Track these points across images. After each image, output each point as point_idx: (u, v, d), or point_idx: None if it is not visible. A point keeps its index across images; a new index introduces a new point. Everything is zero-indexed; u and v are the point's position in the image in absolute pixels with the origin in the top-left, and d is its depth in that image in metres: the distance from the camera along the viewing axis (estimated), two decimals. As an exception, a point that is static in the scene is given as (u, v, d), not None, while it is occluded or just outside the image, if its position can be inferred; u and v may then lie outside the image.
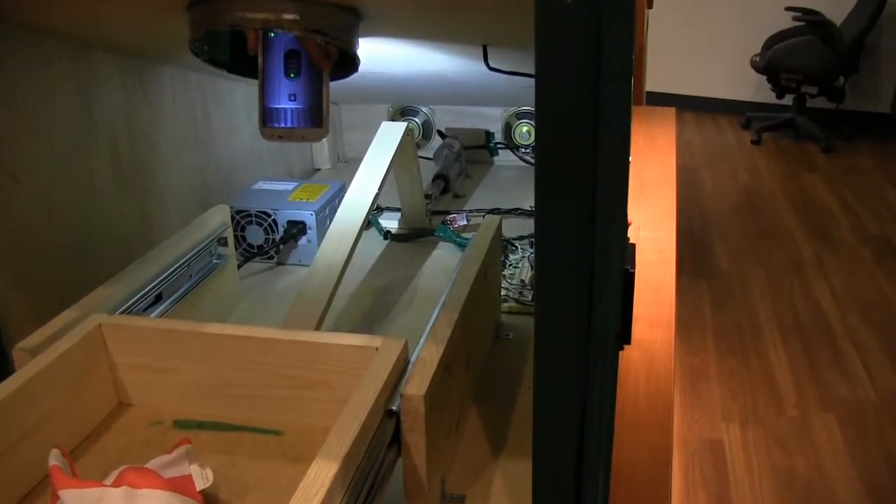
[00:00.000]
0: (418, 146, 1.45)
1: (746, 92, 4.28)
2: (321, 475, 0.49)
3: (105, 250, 0.95)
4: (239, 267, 1.01)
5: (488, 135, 1.47)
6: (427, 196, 1.21)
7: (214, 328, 0.68)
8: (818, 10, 3.73)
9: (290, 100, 0.65)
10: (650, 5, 2.23)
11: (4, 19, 0.77)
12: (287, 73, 0.65)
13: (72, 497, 0.54)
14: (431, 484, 0.60)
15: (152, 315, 0.78)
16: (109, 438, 0.67)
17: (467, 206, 1.29)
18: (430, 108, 1.48)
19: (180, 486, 0.56)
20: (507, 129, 1.46)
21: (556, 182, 0.41)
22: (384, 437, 0.57)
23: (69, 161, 0.89)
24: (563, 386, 0.45)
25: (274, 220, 1.07)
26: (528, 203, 1.26)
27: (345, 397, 0.58)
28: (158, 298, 0.80)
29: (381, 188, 0.97)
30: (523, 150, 1.46)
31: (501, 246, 1.01)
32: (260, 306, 0.98)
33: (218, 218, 0.92)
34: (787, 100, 3.98)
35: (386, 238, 1.16)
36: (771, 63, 3.76)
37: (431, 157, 1.41)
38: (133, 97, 1.00)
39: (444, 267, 1.07)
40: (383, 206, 1.24)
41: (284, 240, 1.07)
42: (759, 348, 2.24)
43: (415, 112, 1.49)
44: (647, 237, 1.14)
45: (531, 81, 0.40)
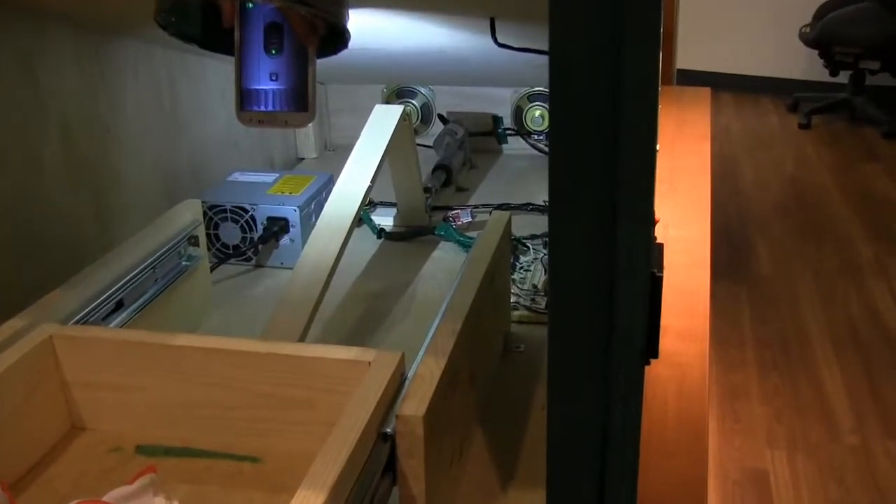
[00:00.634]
0: (416, 132, 1.46)
1: (794, 69, 4.28)
2: (305, 507, 0.50)
3: (57, 250, 0.95)
4: (212, 270, 1.02)
5: (496, 120, 1.47)
6: (426, 189, 1.22)
7: (183, 340, 0.68)
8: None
9: (271, 80, 0.66)
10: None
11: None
12: (267, 50, 0.66)
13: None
14: (431, 518, 0.60)
15: (111, 325, 0.79)
16: (61, 467, 0.67)
17: (472, 201, 1.29)
18: (429, 89, 1.49)
19: (144, 520, 0.57)
20: (518, 113, 1.46)
21: (572, 173, 0.41)
22: (377, 463, 0.58)
23: (12, 148, 0.89)
24: (581, 406, 0.46)
25: (252, 217, 1.08)
26: (541, 197, 1.26)
27: (332, 418, 0.58)
28: (119, 306, 0.80)
29: (374, 180, 0.97)
30: (536, 136, 1.46)
31: (511, 246, 1.01)
32: (236, 315, 0.98)
33: (188, 214, 0.92)
34: (843, 77, 3.97)
35: (380, 237, 1.17)
36: (823, 34, 3.75)
37: (431, 145, 1.41)
38: (89, 75, 1.00)
39: (445, 270, 1.07)
40: (377, 200, 1.25)
41: (264, 239, 1.07)
42: (808, 364, 2.24)
43: (412, 94, 1.50)
44: (677, 236, 1.14)
45: (544, 59, 0.40)
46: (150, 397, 0.69)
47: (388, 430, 0.58)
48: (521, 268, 1.05)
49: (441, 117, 1.48)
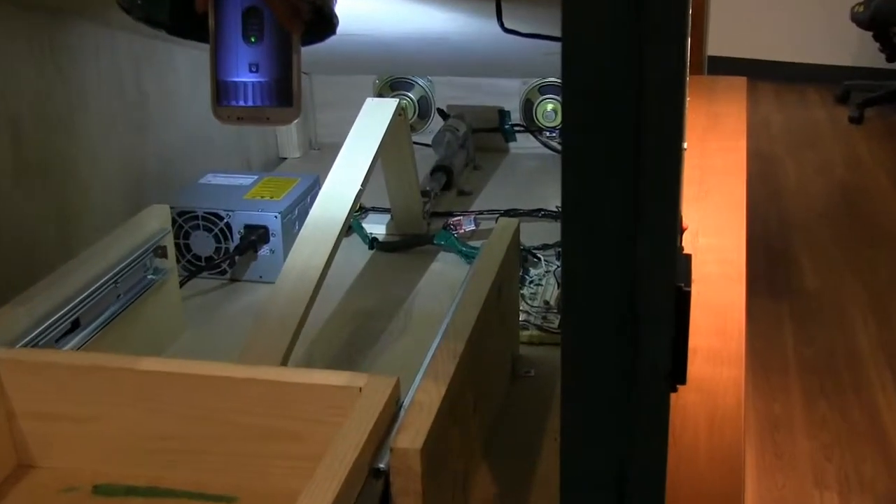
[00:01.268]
0: (413, 129, 1.47)
1: (844, 54, 4.28)
2: (287, 553, 0.50)
3: (6, 263, 0.96)
4: (181, 284, 1.02)
5: (503, 114, 1.48)
6: (424, 193, 1.22)
7: (149, 364, 0.68)
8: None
9: (250, 71, 0.66)
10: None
11: None
12: (246, 37, 0.66)
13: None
14: (429, 566, 0.61)
15: (66, 347, 0.79)
16: (10, 508, 0.68)
17: (476, 207, 1.30)
18: (428, 80, 1.49)
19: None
20: (528, 106, 1.47)
21: (588, 175, 0.42)
22: (370, 503, 0.58)
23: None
24: (599, 438, 0.46)
25: (227, 225, 1.08)
26: (554, 202, 1.26)
27: (318, 452, 0.58)
28: (75, 326, 0.80)
29: (365, 183, 0.98)
30: (548, 133, 1.47)
31: (520, 258, 1.01)
32: (209, 335, 0.98)
33: (154, 221, 0.93)
34: (900, 63, 3.95)
35: (372, 247, 1.17)
36: (879, 13, 3.72)
37: (430, 143, 1.42)
38: (42, 66, 1.01)
39: (446, 284, 1.07)
40: (368, 206, 1.25)
41: (241, 249, 1.08)
42: (861, 391, 2.24)
43: (409, 85, 1.50)
44: (708, 245, 1.15)
45: (557, 46, 0.41)
46: (110, 429, 0.70)
47: (381, 466, 0.59)
48: (531, 282, 1.05)
49: (441, 112, 1.48)
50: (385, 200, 1.19)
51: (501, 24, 0.95)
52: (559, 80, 0.41)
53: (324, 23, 0.69)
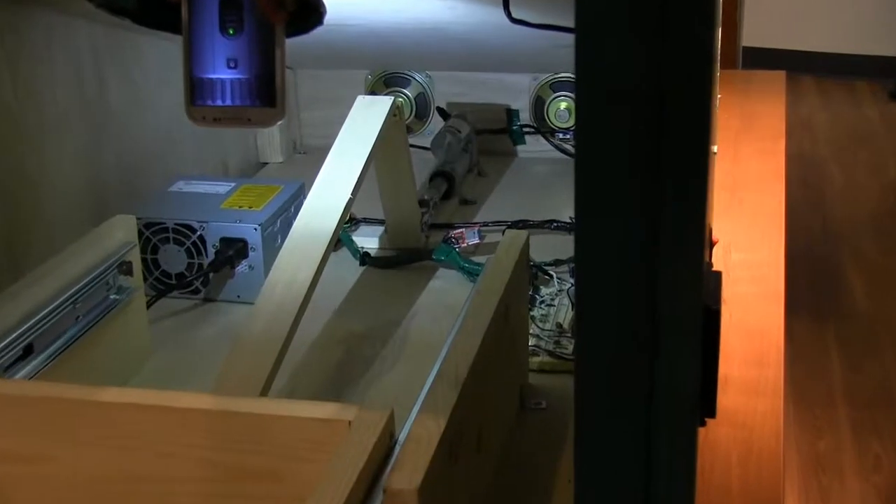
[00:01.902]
0: (410, 130, 1.47)
1: (897, 45, 4.27)
2: None
3: (-50, 282, 0.96)
4: (149, 305, 1.02)
5: (510, 114, 1.48)
6: (422, 203, 1.22)
7: (112, 395, 0.68)
8: None
9: (228, 67, 0.67)
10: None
11: None
12: (224, 29, 0.67)
13: None
14: None
15: (17, 376, 0.79)
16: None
17: (480, 217, 1.30)
18: (426, 75, 1.50)
19: None
20: (538, 105, 1.47)
21: (604, 182, 0.42)
22: (358, 553, 0.58)
23: None
24: (617, 479, 0.46)
25: (200, 238, 1.08)
26: (567, 212, 1.27)
27: (302, 493, 0.59)
28: (28, 352, 0.81)
29: (356, 191, 0.98)
30: (561, 135, 1.47)
31: (530, 275, 1.02)
32: (180, 362, 0.99)
33: (118, 234, 0.93)
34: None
35: (363, 263, 1.17)
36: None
37: (428, 146, 1.42)
38: (-8, 58, 1.01)
39: (446, 305, 1.08)
40: (359, 216, 1.26)
41: (216, 266, 1.08)
42: (918, 426, 2.23)
43: (404, 81, 1.51)
44: (741, 261, 1.15)
45: (570, 37, 0.41)
46: (68, 470, 0.69)
47: (373, 510, 0.59)
48: (542, 302, 1.05)
49: (441, 111, 1.49)
50: (378, 210, 1.20)
51: (508, 14, 0.96)
52: (573, 76, 0.41)
53: (310, 12, 0.69)
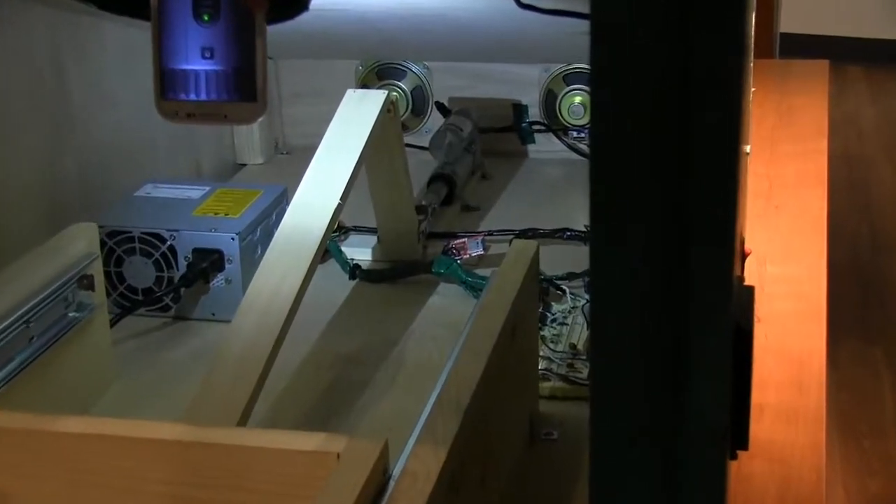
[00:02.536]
0: (406, 128, 1.47)
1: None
2: None
3: None
4: (112, 324, 1.02)
5: (518, 110, 1.48)
6: (420, 209, 1.23)
7: (72, 425, 0.68)
8: None
9: (203, 57, 0.67)
10: None
11: None
12: (198, 15, 0.67)
13: None
14: None
15: (-33, 403, 0.79)
16: None
17: (484, 226, 1.30)
18: (424, 66, 1.50)
19: None
20: (550, 100, 1.47)
21: (623, 186, 0.42)
22: None
23: None
24: (638, 516, 0.46)
25: (171, 248, 1.08)
26: (581, 220, 1.27)
27: (284, 537, 0.59)
28: (-21, 376, 0.81)
29: (345, 196, 0.98)
30: (575, 133, 1.47)
31: (540, 290, 1.01)
32: (147, 387, 0.98)
33: (78, 244, 0.93)
34: None
35: (353, 277, 1.17)
36: None
37: (427, 145, 1.42)
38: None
39: (446, 323, 1.08)
40: (349, 224, 1.26)
41: (188, 280, 1.08)
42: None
43: (400, 73, 1.51)
44: (778, 274, 1.15)
45: (584, 24, 0.41)
46: (24, 507, 0.70)
47: (364, 553, 0.59)
48: (553, 320, 1.05)
49: (440, 107, 1.49)
50: (370, 218, 1.20)
51: (516, -2, 0.96)
52: (588, 67, 0.41)
53: (293, -4, 0.69)
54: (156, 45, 0.67)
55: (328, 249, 1.17)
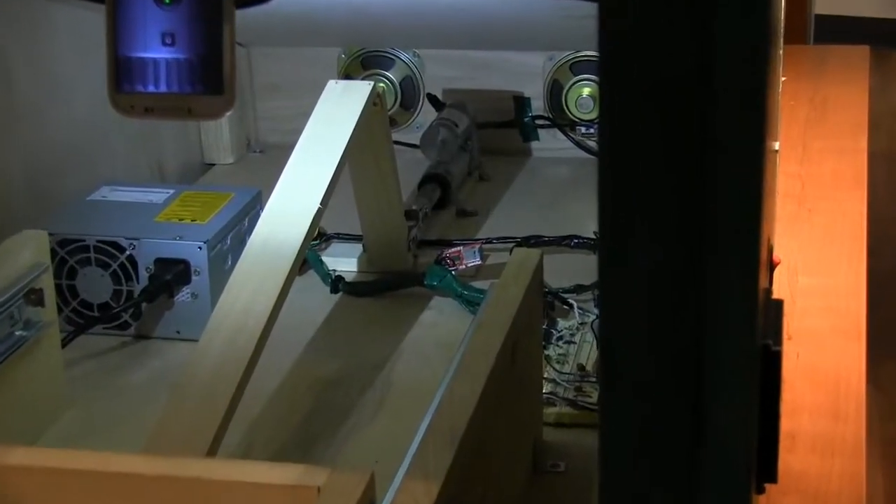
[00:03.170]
0: (394, 123, 1.47)
1: None
2: None
3: None
4: (64, 344, 1.02)
5: (520, 103, 1.49)
6: (410, 214, 1.22)
7: (18, 456, 0.68)
8: None
9: (164, 44, 0.67)
10: None
11: None
12: None
13: None
14: None
15: None
16: None
17: (482, 233, 1.30)
18: (413, 54, 1.50)
19: None
20: (555, 91, 1.47)
21: (635, 187, 0.42)
22: None
23: None
24: (654, 558, 0.46)
25: (130, 258, 1.08)
26: (590, 226, 1.27)
27: (257, 582, 0.58)
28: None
29: (326, 200, 0.98)
30: (583, 129, 1.47)
31: (544, 304, 1.01)
32: (104, 414, 0.98)
33: (25, 254, 0.93)
34: None
35: (336, 290, 1.17)
36: None
37: (417, 143, 1.42)
38: None
39: (439, 342, 1.08)
40: (331, 231, 1.26)
41: (150, 294, 1.08)
42: None
43: (387, 62, 1.51)
44: (811, 287, 1.15)
45: (592, 7, 0.41)
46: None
47: None
48: (559, 338, 1.05)
49: (433, 100, 1.49)
50: (354, 223, 1.20)
51: (517, -22, 0.97)
52: (597, 55, 0.41)
53: (267, -24, 0.69)
54: (110, 30, 0.67)
55: (307, 259, 1.17)
